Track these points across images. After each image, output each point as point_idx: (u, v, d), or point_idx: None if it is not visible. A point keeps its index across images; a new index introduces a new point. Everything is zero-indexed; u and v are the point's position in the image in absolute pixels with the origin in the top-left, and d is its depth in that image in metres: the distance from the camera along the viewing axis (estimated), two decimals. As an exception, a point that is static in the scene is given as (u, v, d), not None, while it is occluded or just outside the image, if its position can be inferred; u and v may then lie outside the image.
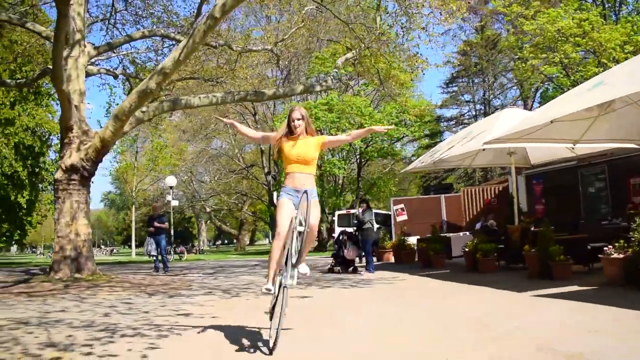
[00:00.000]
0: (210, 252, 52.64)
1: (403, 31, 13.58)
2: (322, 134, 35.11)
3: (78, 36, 12.29)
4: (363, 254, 13.60)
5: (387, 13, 13.69)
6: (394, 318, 6.49)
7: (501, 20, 30.16)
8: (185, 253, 31.54)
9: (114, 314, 7.21)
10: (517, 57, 25.63)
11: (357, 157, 36.59)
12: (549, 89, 32.18)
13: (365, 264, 13.31)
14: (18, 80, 16.67)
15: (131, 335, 5.62)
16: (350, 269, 13.04)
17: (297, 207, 4.84)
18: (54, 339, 5.49)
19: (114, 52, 16.83)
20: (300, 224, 4.79)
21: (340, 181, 37.56)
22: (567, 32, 20.52)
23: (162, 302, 8.49)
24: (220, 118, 5.90)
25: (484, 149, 10.89)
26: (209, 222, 67.17)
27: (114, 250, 74.14)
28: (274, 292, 4.87)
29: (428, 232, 14.64)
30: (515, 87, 37.01)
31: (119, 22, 16.73)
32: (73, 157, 11.75)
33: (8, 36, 17.16)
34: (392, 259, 15.95)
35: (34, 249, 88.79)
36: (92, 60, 15.54)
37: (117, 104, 16.63)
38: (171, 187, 26.17)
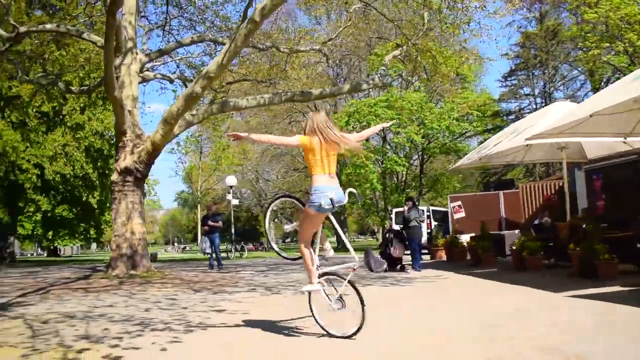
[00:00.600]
0: (277, 250, 53.14)
1: (448, 25, 13.37)
2: (382, 132, 35.18)
3: (130, 44, 12.89)
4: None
5: (432, 9, 13.53)
6: (426, 317, 6.49)
7: (564, 7, 29.06)
8: (246, 250, 32.25)
9: (154, 309, 7.55)
10: (579, 47, 24.68)
11: (419, 153, 36.20)
12: (620, 79, 30.75)
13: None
14: (81, 88, 17.65)
15: (161, 329, 5.91)
16: (398, 267, 13.00)
17: None
18: (91, 331, 5.85)
19: (171, 57, 17.50)
20: None
21: (403, 178, 37.23)
22: (632, 19, 19.59)
23: (204, 298, 8.79)
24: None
25: (527, 145, 10.61)
26: (276, 220, 68.05)
27: (186, 248, 76.41)
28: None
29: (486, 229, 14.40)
30: (580, 79, 35.62)
31: (174, 29, 17.45)
32: (127, 160, 12.34)
33: (77, 45, 18.16)
34: (445, 257, 15.79)
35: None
36: (150, 65, 16.26)
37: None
38: (231, 187, 26.85)
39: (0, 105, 26.26)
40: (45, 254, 66.56)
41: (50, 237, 33.58)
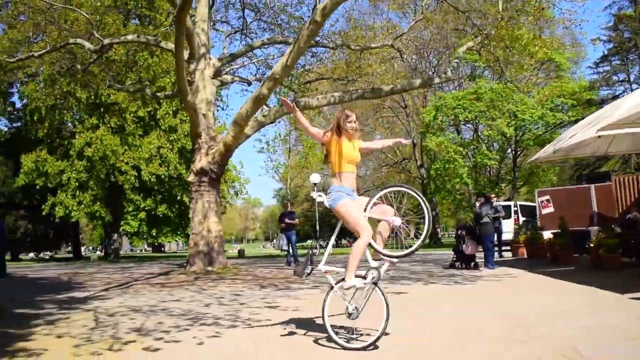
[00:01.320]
0: (369, 246, 53.12)
1: (519, 13, 12.88)
2: (472, 125, 34.35)
3: (203, 50, 13.45)
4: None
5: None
6: (465, 316, 6.33)
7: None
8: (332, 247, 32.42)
9: (214, 304, 7.86)
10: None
11: (512, 146, 34.92)
12: None
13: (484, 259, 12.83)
14: (166, 93, 18.63)
15: (209, 324, 6.17)
16: (472, 264, 12.69)
17: None
18: (146, 325, 6.23)
19: (249, 59, 18.09)
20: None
21: (495, 172, 36.10)
22: None
23: (266, 294, 9.03)
24: (286, 100, 5.78)
25: (599, 136, 9.97)
26: (370, 216, 67.78)
27: (283, 245, 77.99)
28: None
29: (576, 224, 13.78)
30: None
31: (253, 32, 18.04)
32: (202, 161, 12.91)
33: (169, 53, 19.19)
34: (526, 254, 15.22)
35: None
36: (229, 69, 16.88)
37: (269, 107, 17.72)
38: (315, 184, 27.17)
39: (100, 112, 28.22)
40: (151, 250, 70.82)
41: (154, 234, 35.60)
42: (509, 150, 35.81)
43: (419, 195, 4.70)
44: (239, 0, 17.28)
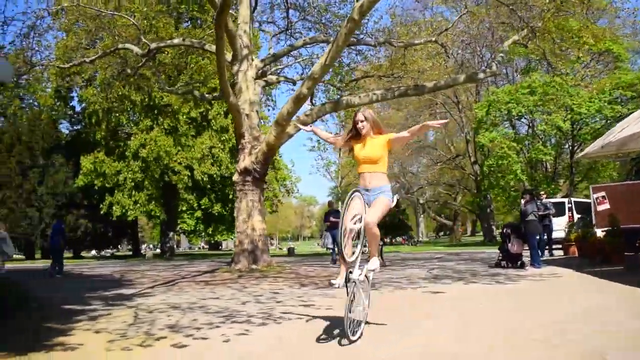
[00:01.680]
0: (424, 244, 52.61)
1: (564, 3, 12.46)
2: (527, 119, 33.46)
3: (245, 51, 13.67)
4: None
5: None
6: (493, 318, 6.18)
7: None
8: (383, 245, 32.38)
9: (251, 302, 7.97)
10: None
11: (569, 141, 33.81)
12: None
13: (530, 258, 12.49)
14: (215, 95, 19.02)
15: (240, 322, 6.26)
16: (518, 263, 12.38)
17: (370, 205, 5.01)
18: (180, 322, 6.38)
19: (294, 59, 18.23)
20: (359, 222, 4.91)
21: (551, 168, 35.05)
22: None
23: (304, 293, 9.08)
24: (300, 125, 6.19)
25: (647, 130, 9.57)
26: (424, 213, 67.35)
27: (334, 242, 78.06)
28: (339, 286, 5.04)
29: (634, 221, 13.24)
30: None
31: (298, 31, 18.16)
32: (246, 161, 13.13)
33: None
34: (577, 253, 14.74)
35: (271, 241, 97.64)
36: (274, 69, 17.07)
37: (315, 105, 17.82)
38: (362, 182, 27.16)
39: (154, 113, 29.06)
40: (208, 248, 72.35)
41: (210, 232, 36.45)
42: (566, 145, 34.73)
43: (343, 208, 4.88)
44: (283, 0, 17.46)
